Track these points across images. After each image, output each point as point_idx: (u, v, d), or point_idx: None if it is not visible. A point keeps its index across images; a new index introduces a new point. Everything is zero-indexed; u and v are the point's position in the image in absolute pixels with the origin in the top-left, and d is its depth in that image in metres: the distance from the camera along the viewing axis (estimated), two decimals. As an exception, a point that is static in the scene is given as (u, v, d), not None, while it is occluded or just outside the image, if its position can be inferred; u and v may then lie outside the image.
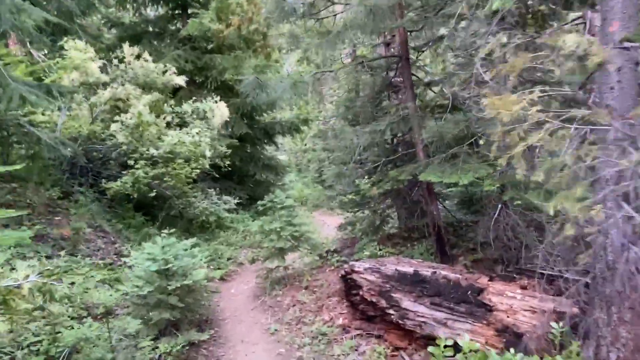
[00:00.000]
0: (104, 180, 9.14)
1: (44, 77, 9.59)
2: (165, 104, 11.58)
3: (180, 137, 9.50)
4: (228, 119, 13.07)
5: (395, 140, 7.74)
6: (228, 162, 12.53)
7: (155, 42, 14.80)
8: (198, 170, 9.79)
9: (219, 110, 12.15)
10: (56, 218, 7.82)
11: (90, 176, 9.56)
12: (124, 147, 9.39)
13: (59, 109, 9.59)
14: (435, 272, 5.26)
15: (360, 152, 7.27)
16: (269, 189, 15.97)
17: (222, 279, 8.88)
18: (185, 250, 6.23)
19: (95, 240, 7.87)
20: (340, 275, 6.67)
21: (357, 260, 7.21)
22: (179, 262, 5.66)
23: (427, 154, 7.30)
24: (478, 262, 6.80)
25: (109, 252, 7.70)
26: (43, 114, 9.31)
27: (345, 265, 6.96)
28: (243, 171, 15.33)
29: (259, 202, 7.81)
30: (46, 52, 11.78)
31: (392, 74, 7.77)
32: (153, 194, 9.07)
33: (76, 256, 6.94)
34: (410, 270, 5.42)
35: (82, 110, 10.16)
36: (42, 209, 7.80)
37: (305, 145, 26.90)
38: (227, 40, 13.90)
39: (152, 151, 9.28)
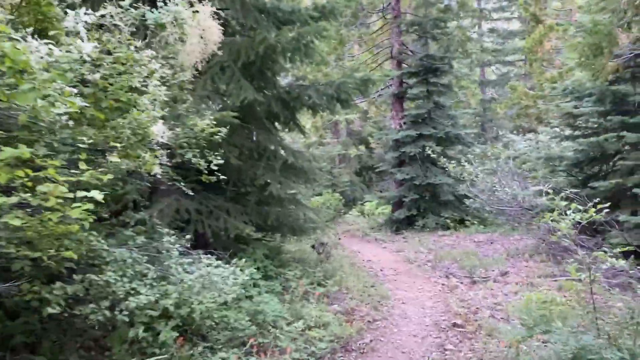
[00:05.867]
0: None
1: None
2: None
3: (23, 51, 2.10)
4: (220, 64, 5.70)
5: None
6: (219, 158, 5.17)
7: None
8: (117, 188, 2.38)
9: (198, 25, 4.78)
10: None
11: None
12: None
13: None
14: None
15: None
16: (296, 213, 8.35)
17: None
18: None
19: None
20: None
21: None
22: None
23: None
24: None
25: None
26: None
27: None
28: (245, 176, 7.76)
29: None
30: None
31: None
32: None
33: None
34: None
35: None
36: None
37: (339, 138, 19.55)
38: None
39: None
